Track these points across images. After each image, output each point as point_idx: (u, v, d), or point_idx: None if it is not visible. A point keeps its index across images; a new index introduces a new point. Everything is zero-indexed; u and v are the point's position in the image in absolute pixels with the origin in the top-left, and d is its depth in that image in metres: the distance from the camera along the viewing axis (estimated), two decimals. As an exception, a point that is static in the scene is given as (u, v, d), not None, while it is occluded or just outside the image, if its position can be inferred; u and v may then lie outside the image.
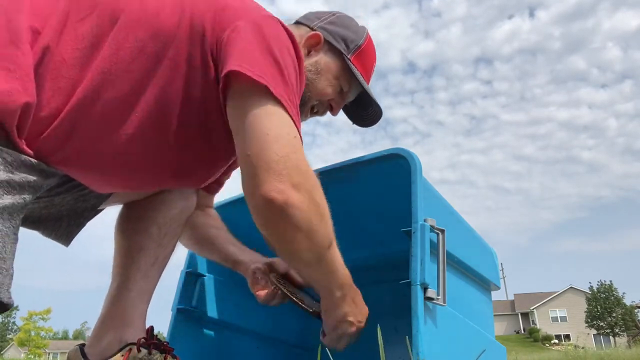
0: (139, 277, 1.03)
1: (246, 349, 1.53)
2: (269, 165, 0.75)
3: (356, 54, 1.10)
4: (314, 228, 0.81)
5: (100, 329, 1.01)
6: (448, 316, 1.05)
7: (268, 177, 0.75)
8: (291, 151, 0.77)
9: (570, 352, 7.42)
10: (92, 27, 0.81)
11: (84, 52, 0.79)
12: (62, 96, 0.77)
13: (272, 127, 0.77)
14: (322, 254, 0.87)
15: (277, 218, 0.77)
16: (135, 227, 1.05)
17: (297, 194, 0.77)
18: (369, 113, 1.20)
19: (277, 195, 0.75)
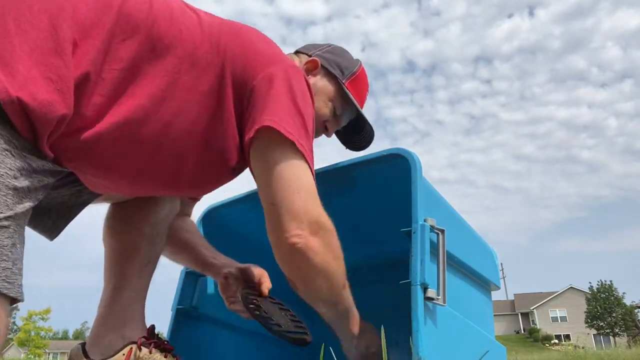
0: (135, 276, 1.04)
1: (246, 348, 1.53)
2: (291, 214, 0.85)
3: (350, 80, 1.18)
4: (331, 269, 0.91)
5: (100, 328, 1.01)
6: (448, 316, 1.05)
7: (291, 224, 0.85)
8: (311, 200, 0.88)
9: (570, 352, 7.42)
10: (132, 51, 0.82)
11: (122, 74, 0.80)
12: (95, 112, 0.78)
13: (295, 179, 0.86)
14: (339, 293, 0.97)
15: (298, 261, 0.88)
16: (128, 227, 1.06)
17: (316, 239, 0.87)
18: (361, 137, 1.27)
19: (299, 240, 0.85)
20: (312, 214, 0.87)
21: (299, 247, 0.85)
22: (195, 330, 1.37)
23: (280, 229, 0.86)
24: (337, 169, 1.24)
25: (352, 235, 1.49)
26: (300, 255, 0.86)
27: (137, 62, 0.82)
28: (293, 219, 0.85)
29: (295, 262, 0.89)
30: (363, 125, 1.24)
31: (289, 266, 0.91)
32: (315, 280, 0.92)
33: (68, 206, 0.96)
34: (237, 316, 1.48)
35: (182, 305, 1.33)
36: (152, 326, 1.05)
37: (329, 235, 0.90)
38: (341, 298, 0.98)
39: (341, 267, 0.95)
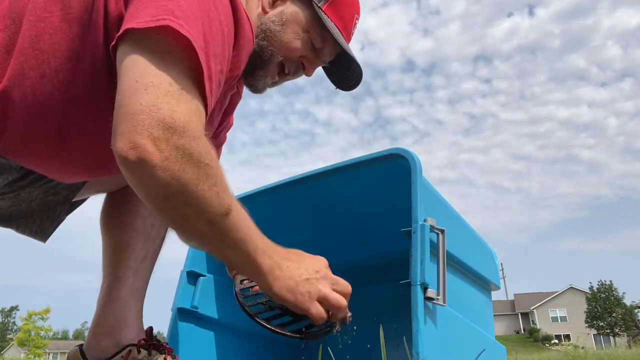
0: (129, 274, 0.99)
1: (246, 348, 1.53)
2: (128, 115, 0.63)
3: (329, 3, 0.96)
4: (189, 191, 0.65)
5: (97, 330, 0.99)
6: (448, 316, 1.05)
7: (125, 129, 0.63)
8: (164, 102, 0.64)
9: (570, 352, 7.42)
10: (10, 3, 0.78)
11: (6, 33, 0.76)
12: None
13: (149, 74, 0.65)
14: (216, 223, 0.70)
15: (137, 179, 0.65)
16: (119, 222, 1.01)
17: (157, 149, 0.62)
18: (350, 75, 1.07)
19: (131, 151, 0.62)
20: (159, 113, 0.63)
21: (131, 159, 0.62)
22: (195, 330, 1.37)
23: (114, 137, 0.64)
24: (337, 169, 1.24)
25: (352, 235, 1.49)
26: (136, 170, 0.63)
27: (19, 14, 0.77)
28: (128, 121, 0.63)
29: (137, 182, 0.65)
30: (350, 61, 1.03)
31: (134, 188, 0.67)
32: (173, 208, 0.67)
33: (50, 206, 0.94)
34: (237, 316, 1.47)
35: (182, 305, 1.33)
36: (150, 328, 1.03)
37: (185, 140, 0.64)
38: (224, 232, 0.71)
39: (214, 186, 0.68)
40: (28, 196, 0.88)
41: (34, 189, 0.88)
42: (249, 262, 0.76)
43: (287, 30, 0.96)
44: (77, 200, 1.01)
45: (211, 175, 0.68)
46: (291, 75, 1.05)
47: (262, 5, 0.98)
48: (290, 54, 0.98)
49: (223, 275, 1.42)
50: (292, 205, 1.37)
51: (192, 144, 0.65)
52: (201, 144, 0.67)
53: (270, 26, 0.96)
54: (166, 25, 0.66)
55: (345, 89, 1.11)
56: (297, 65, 1.02)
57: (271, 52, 0.96)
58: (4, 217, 0.91)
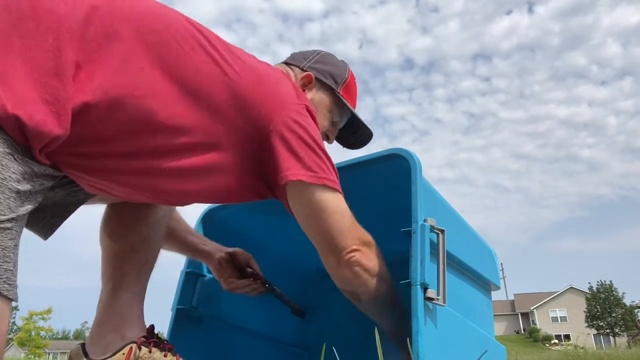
0: (132, 277, 1.04)
1: (246, 348, 1.53)
2: (344, 234, 0.95)
3: (344, 87, 1.21)
4: (387, 275, 1.01)
5: (100, 328, 1.01)
6: (448, 316, 1.05)
7: (347, 242, 0.95)
8: (354, 221, 0.98)
9: (570, 352, 7.41)
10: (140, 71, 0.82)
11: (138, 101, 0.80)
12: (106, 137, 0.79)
13: (336, 208, 0.95)
14: (395, 299, 1.04)
15: (361, 273, 0.96)
16: (126, 228, 1.06)
17: (370, 250, 0.98)
18: (357, 136, 1.30)
19: (357, 254, 0.96)
20: (361, 232, 0.98)
21: (359, 258, 0.95)
22: (195, 330, 1.37)
23: (338, 248, 0.95)
24: (337, 169, 1.24)
25: (352, 235, 1.49)
26: (362, 265, 0.95)
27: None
28: (347, 238, 0.95)
29: (359, 275, 0.96)
30: (358, 125, 1.27)
31: (353, 280, 0.97)
32: (378, 287, 0.99)
33: (62, 205, 0.96)
34: (237, 316, 1.48)
35: (182, 305, 1.33)
36: (151, 326, 1.05)
37: (377, 249, 1.00)
38: (397, 304, 1.04)
39: (382, 287, 1.01)
40: (53, 196, 0.91)
41: (60, 190, 0.91)
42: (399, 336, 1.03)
43: (319, 114, 1.15)
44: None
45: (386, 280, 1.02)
46: None
47: None
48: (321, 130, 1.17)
49: (223, 275, 1.42)
50: (292, 205, 1.37)
51: (380, 251, 1.01)
52: (379, 259, 1.01)
53: None
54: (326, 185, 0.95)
55: (354, 148, 1.33)
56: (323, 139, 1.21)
57: None
58: None
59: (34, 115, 0.68)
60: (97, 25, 0.77)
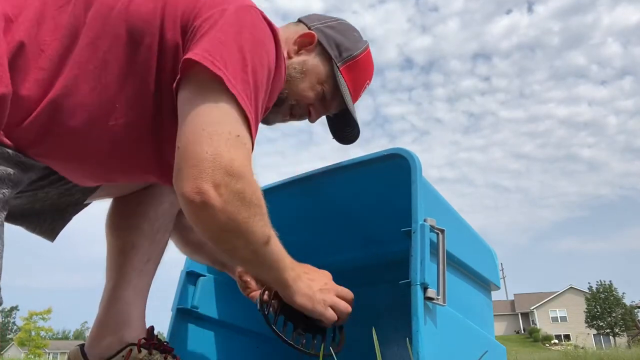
0: (133, 275, 1.02)
1: (246, 348, 1.53)
2: (195, 162, 0.72)
3: (347, 65, 1.05)
4: (243, 227, 0.77)
5: (99, 329, 1.00)
6: (448, 316, 1.05)
7: (191, 174, 0.72)
8: (225, 150, 0.73)
9: (570, 352, 7.41)
10: (69, 16, 0.80)
11: (62, 43, 0.78)
12: (41, 88, 0.76)
13: (212, 122, 0.74)
14: (259, 251, 0.83)
15: (198, 218, 0.75)
16: (127, 224, 1.04)
17: (218, 195, 0.72)
18: (347, 132, 1.16)
19: (196, 196, 0.72)
20: (221, 161, 0.72)
21: (197, 203, 0.72)
22: (195, 330, 1.37)
23: (179, 179, 0.73)
24: (337, 169, 1.24)
25: (352, 235, 1.49)
26: (198, 212, 0.73)
27: (77, 27, 0.79)
28: (194, 167, 0.72)
29: (198, 221, 0.76)
30: (350, 120, 1.11)
31: (194, 224, 0.77)
32: (227, 241, 0.79)
33: (61, 207, 0.95)
34: (237, 316, 1.48)
35: (182, 305, 1.33)
36: (151, 327, 1.04)
37: (241, 185, 0.74)
38: (264, 256, 0.84)
39: (260, 221, 0.80)
40: (45, 196, 0.90)
41: (52, 189, 0.90)
42: (278, 278, 0.90)
43: (305, 79, 1.03)
44: (86, 202, 1.02)
45: (258, 213, 0.80)
46: (296, 118, 1.12)
47: (288, 50, 1.04)
48: (302, 100, 1.06)
49: (223, 275, 1.42)
50: (292, 206, 1.37)
51: (247, 188, 0.76)
52: (253, 185, 0.78)
53: (292, 72, 1.03)
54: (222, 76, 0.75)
55: (341, 142, 1.19)
56: (304, 111, 1.09)
57: (286, 95, 1.04)
58: (16, 215, 0.92)
59: None
60: None
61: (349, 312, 1.00)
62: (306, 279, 0.95)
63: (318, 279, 0.99)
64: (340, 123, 1.16)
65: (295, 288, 0.92)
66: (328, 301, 0.97)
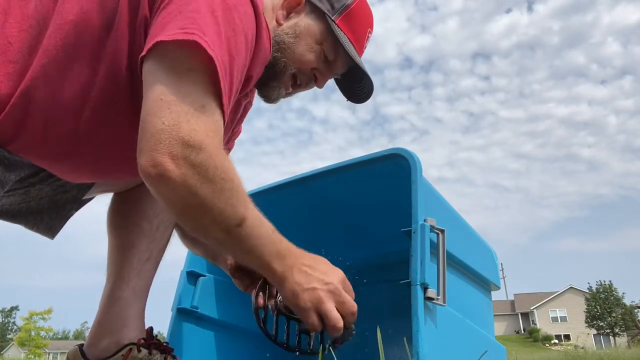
0: (132, 275, 1.01)
1: (246, 349, 1.53)
2: (151, 133, 0.68)
3: (343, 16, 0.98)
4: (206, 204, 0.71)
5: (98, 329, 1.00)
6: (448, 316, 1.05)
7: (147, 146, 0.68)
8: (184, 120, 0.68)
9: (570, 352, 7.42)
10: (36, 5, 0.78)
11: (30, 33, 0.77)
12: (12, 81, 0.75)
13: (172, 91, 0.69)
14: (232, 232, 0.76)
15: (158, 192, 0.71)
16: (125, 222, 1.03)
17: (176, 167, 0.67)
18: (361, 87, 1.08)
19: (152, 168, 0.68)
20: (179, 132, 0.68)
21: (153, 176, 0.68)
22: (195, 330, 1.37)
23: (138, 152, 0.70)
24: (337, 169, 1.24)
25: (352, 235, 1.49)
26: (158, 186, 0.69)
27: (45, 15, 0.77)
28: (150, 139, 0.68)
29: (158, 195, 0.71)
30: (361, 74, 1.04)
31: (157, 198, 0.73)
32: (193, 218, 0.74)
33: (59, 204, 0.95)
34: (237, 316, 1.48)
35: (182, 305, 1.33)
36: (150, 327, 1.04)
37: (202, 157, 0.69)
38: (239, 239, 0.77)
39: (229, 199, 0.73)
40: (38, 193, 0.89)
41: (44, 186, 0.89)
42: (263, 266, 0.83)
43: (301, 42, 0.97)
44: (85, 198, 1.02)
45: (226, 189, 0.73)
46: (303, 87, 1.06)
47: (276, 17, 0.99)
48: (303, 66, 1.00)
49: (223, 275, 1.42)
50: (292, 206, 1.37)
51: (209, 161, 0.70)
52: (218, 159, 0.71)
53: (284, 38, 0.97)
54: (193, 41, 0.69)
55: (356, 101, 1.12)
56: (309, 77, 1.03)
57: (285, 64, 0.98)
58: (13, 213, 0.91)
59: None
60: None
61: (337, 328, 0.85)
62: (300, 272, 0.84)
63: (319, 275, 0.85)
64: (349, 81, 1.09)
65: (283, 277, 0.83)
66: (315, 304, 0.84)
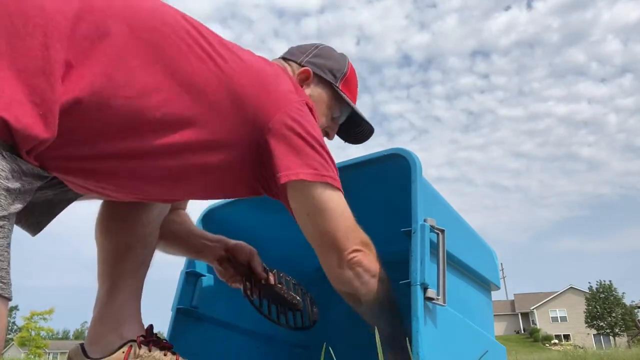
0: (128, 276, 1.04)
1: (246, 348, 1.53)
2: (345, 235, 0.94)
3: (343, 82, 1.17)
4: (386, 279, 0.99)
5: (98, 328, 1.01)
6: (448, 316, 1.05)
7: (348, 243, 0.94)
8: (354, 222, 0.97)
9: (570, 352, 7.42)
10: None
11: (132, 102, 0.78)
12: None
13: (336, 207, 0.94)
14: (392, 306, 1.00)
15: (361, 274, 0.96)
16: (120, 227, 1.05)
17: (370, 253, 0.97)
18: (358, 131, 1.27)
19: (358, 254, 0.95)
20: (361, 233, 0.97)
21: (361, 259, 0.94)
22: (195, 330, 1.37)
23: (340, 248, 0.93)
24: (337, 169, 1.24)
25: (352, 235, 1.49)
26: (364, 267, 0.95)
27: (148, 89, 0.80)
28: (349, 238, 0.94)
29: (361, 276, 0.95)
30: (360, 120, 1.24)
31: (354, 281, 0.96)
32: (379, 289, 0.97)
33: (53, 203, 0.95)
34: (237, 316, 1.48)
35: (182, 305, 1.33)
36: (150, 325, 1.05)
37: (375, 250, 0.99)
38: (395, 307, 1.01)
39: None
40: (40, 195, 0.89)
41: (49, 191, 0.90)
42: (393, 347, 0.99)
43: (317, 110, 1.11)
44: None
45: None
46: None
47: None
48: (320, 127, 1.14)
49: (223, 275, 1.42)
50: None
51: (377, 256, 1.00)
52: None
53: None
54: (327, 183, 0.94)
55: (356, 142, 1.30)
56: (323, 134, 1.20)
57: None
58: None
59: (21, 118, 0.66)
60: (89, 22, 0.74)
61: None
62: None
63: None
64: (347, 127, 1.26)
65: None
66: None
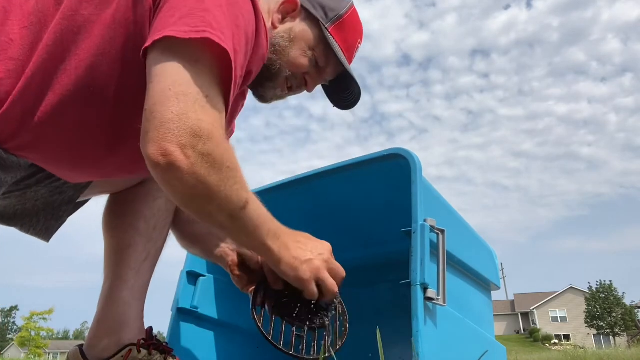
0: (130, 275, 1.01)
1: (246, 348, 1.53)
2: (160, 122, 0.69)
3: (335, 25, 1.02)
4: (214, 190, 0.73)
5: (98, 330, 1.00)
6: (448, 316, 1.05)
7: (155, 136, 0.69)
8: (192, 110, 0.70)
9: (570, 352, 7.42)
10: (36, 2, 0.79)
11: (31, 30, 0.77)
12: (12, 78, 0.75)
13: (179, 81, 0.71)
14: (236, 216, 0.78)
15: (165, 182, 0.72)
16: (122, 223, 1.03)
17: (185, 156, 0.69)
18: (348, 95, 1.12)
19: (161, 157, 0.69)
20: (188, 122, 0.69)
21: (162, 165, 0.69)
22: (195, 330, 1.37)
23: (144, 141, 0.70)
24: (336, 169, 1.24)
25: (352, 235, 1.49)
26: (167, 175, 0.70)
27: (45, 13, 0.78)
28: (159, 128, 0.69)
29: (166, 184, 0.72)
30: (349, 82, 1.08)
31: (163, 188, 0.74)
32: (199, 206, 0.75)
33: (55, 206, 0.95)
34: (237, 316, 1.48)
35: (182, 305, 1.33)
36: (150, 328, 1.04)
37: (209, 146, 0.71)
38: (242, 222, 0.80)
39: (232, 187, 0.76)
40: (34, 195, 0.89)
41: (41, 188, 0.88)
42: (261, 245, 0.85)
43: (295, 47, 1.01)
44: (81, 201, 1.02)
45: (232, 176, 0.75)
46: (294, 91, 1.09)
47: (272, 20, 1.02)
48: (296, 69, 1.03)
49: (223, 275, 1.42)
50: (292, 206, 1.37)
51: (216, 150, 0.72)
52: (223, 148, 0.74)
53: (280, 41, 1.00)
54: (206, 38, 0.72)
55: (342, 108, 1.16)
56: (300, 81, 1.07)
57: (280, 66, 1.01)
58: (8, 216, 0.91)
59: None
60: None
61: (335, 292, 0.94)
62: (295, 248, 0.89)
63: (311, 248, 0.92)
64: (337, 88, 1.12)
65: (280, 256, 0.87)
66: (314, 273, 0.91)
